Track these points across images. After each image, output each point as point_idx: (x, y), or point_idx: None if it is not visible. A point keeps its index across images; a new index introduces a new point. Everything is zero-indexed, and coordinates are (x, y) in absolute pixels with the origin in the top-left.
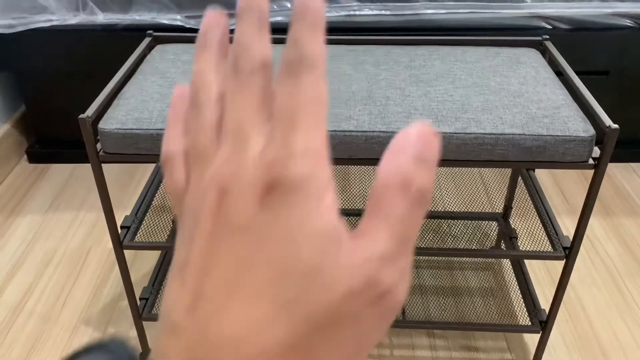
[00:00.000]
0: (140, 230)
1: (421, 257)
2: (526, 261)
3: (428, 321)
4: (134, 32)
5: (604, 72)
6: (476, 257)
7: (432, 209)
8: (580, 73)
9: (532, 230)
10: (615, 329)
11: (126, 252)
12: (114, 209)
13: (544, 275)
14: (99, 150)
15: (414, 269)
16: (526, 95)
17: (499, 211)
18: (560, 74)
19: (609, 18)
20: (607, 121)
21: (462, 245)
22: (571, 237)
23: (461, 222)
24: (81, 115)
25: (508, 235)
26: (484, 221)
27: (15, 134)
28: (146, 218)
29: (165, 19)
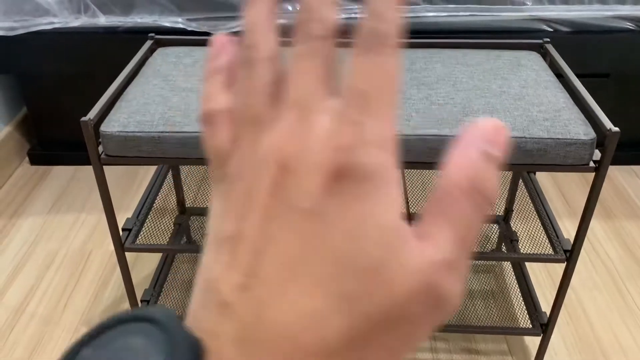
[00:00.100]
0: (142, 233)
1: None
2: (527, 264)
3: None
4: (136, 34)
5: (604, 74)
6: (477, 259)
7: None
8: (581, 76)
9: (533, 232)
10: (616, 332)
11: (127, 254)
12: (116, 211)
13: (544, 278)
14: (100, 153)
15: None
16: (527, 98)
17: (500, 214)
18: (561, 76)
19: (609, 21)
20: (607, 124)
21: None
22: (572, 240)
23: None
24: (83, 118)
25: (509, 238)
26: (484, 223)
27: (17, 136)
28: (147, 220)
29: (166, 22)
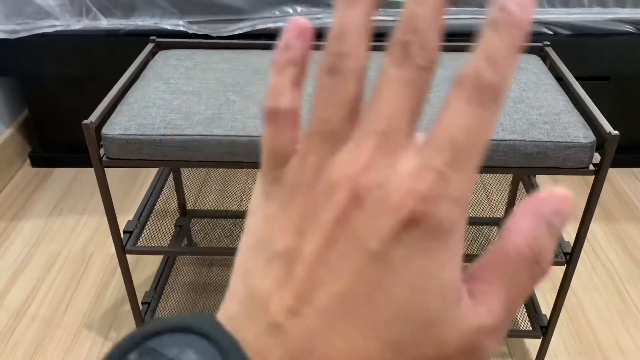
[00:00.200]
0: (143, 235)
1: None
2: None
3: None
4: (137, 37)
5: (604, 77)
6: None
7: None
8: (581, 79)
9: None
10: (616, 334)
11: (128, 257)
12: (117, 213)
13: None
14: (102, 156)
15: None
16: (527, 102)
17: (500, 216)
18: (560, 79)
19: (609, 24)
20: (607, 127)
21: (464, 250)
22: (572, 243)
23: None
24: (84, 121)
25: None
26: (485, 226)
27: (19, 138)
28: (149, 223)
29: (168, 25)
